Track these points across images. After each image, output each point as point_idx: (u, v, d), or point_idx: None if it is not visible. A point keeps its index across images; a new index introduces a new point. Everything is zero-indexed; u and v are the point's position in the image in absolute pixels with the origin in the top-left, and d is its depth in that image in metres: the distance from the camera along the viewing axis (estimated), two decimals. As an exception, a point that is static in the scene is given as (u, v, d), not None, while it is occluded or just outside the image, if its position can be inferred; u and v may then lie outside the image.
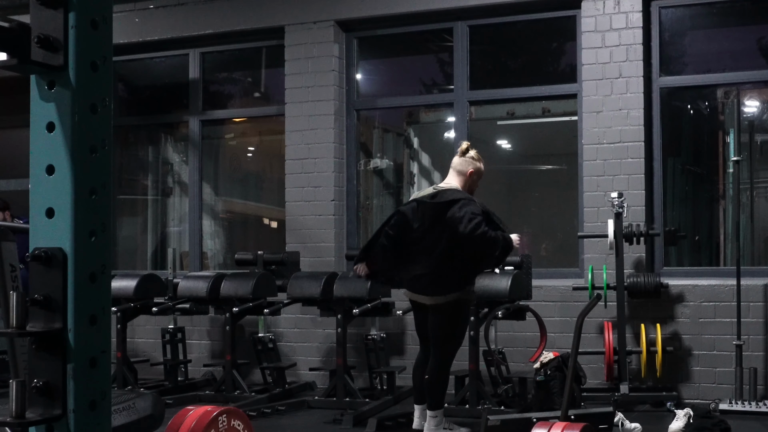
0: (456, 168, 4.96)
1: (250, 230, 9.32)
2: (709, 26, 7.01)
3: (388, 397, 6.05)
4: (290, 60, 7.42)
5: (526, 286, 5.97)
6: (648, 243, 6.38)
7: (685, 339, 6.24)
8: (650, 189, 6.52)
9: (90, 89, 1.50)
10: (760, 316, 6.10)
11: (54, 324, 1.46)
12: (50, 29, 1.46)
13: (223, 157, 8.84)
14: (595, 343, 6.22)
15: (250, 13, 7.56)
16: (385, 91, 8.02)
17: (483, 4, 6.92)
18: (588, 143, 6.59)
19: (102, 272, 1.52)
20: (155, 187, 8.84)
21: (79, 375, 1.47)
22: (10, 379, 1.48)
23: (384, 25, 7.40)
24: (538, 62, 7.61)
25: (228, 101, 8.67)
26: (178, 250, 8.32)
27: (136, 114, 8.75)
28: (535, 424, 3.39)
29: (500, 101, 7.51)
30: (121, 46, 7.83)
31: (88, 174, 1.49)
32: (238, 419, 3.23)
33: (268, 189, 8.91)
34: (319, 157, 7.29)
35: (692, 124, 7.32)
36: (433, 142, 8.46)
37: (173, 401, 5.83)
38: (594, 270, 6.17)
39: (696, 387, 6.20)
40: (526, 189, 8.58)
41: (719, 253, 6.99)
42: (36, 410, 1.46)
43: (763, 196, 7.32)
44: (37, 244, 1.48)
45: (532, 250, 7.66)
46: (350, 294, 6.06)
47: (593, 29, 6.59)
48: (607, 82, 6.53)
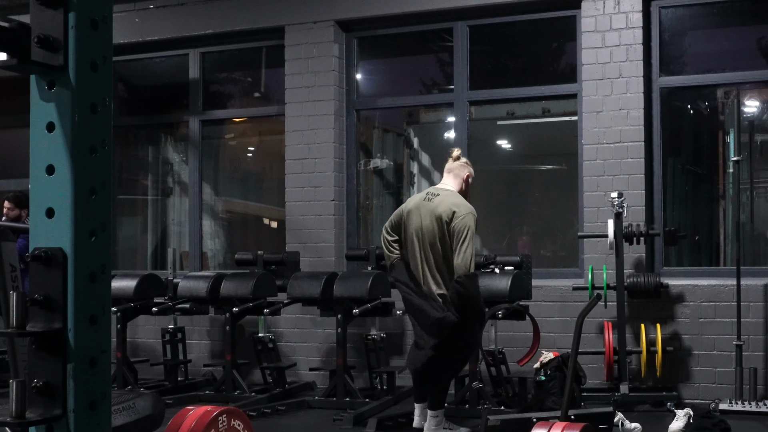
0: (453, 171, 5.02)
1: (250, 230, 9.32)
2: (709, 26, 7.01)
3: (388, 397, 6.05)
4: (290, 60, 7.42)
5: (526, 286, 5.97)
6: (648, 243, 6.38)
7: (685, 339, 6.24)
8: (650, 189, 6.52)
9: (90, 89, 1.50)
10: (760, 316, 6.10)
11: (54, 324, 1.46)
12: (50, 29, 1.46)
13: (223, 157, 8.84)
14: (595, 343, 6.22)
15: (250, 13, 7.56)
16: (385, 91, 8.02)
17: (483, 4, 6.92)
18: (588, 143, 6.59)
19: (102, 272, 1.52)
20: (155, 187, 8.84)
21: (79, 375, 1.47)
22: (10, 379, 1.48)
23: (384, 25, 7.40)
24: (538, 62, 7.61)
25: (228, 101, 8.67)
26: (178, 250, 8.32)
27: (136, 114, 8.75)
28: (535, 424, 3.39)
29: (500, 101, 7.51)
30: (121, 46, 7.83)
31: (88, 174, 1.49)
32: (238, 419, 3.23)
33: (268, 189, 8.91)
34: (319, 157, 7.29)
35: (692, 124, 7.32)
36: (433, 142, 8.47)
37: (173, 401, 5.82)
38: (594, 270, 6.17)
39: (696, 387, 6.20)
40: (526, 189, 8.57)
41: (719, 253, 6.99)
42: (36, 410, 1.46)
43: (763, 196, 7.32)
44: (37, 244, 1.48)
45: (532, 250, 7.67)
46: (350, 294, 6.06)
47: (593, 29, 6.59)
48: (607, 82, 6.53)
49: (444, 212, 4.78)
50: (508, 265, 6.02)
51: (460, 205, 4.82)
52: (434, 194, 4.92)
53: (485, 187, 8.10)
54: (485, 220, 8.11)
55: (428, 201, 4.88)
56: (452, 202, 4.83)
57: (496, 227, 8.21)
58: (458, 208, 4.79)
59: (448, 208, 4.79)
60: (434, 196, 4.90)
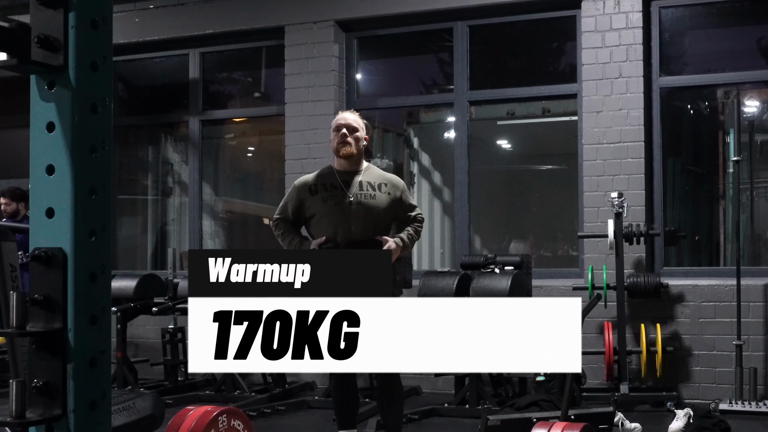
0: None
1: (250, 230, 9.32)
2: (709, 26, 7.01)
3: (388, 397, 6.04)
4: (290, 60, 7.42)
5: (526, 286, 5.97)
6: (648, 243, 6.38)
7: (685, 339, 6.24)
8: (650, 189, 6.52)
9: (90, 89, 1.50)
10: (760, 316, 6.10)
11: (54, 324, 1.46)
12: (50, 29, 1.46)
13: (223, 157, 8.84)
14: (595, 343, 6.22)
15: (250, 13, 7.56)
16: (385, 91, 8.01)
17: (483, 4, 6.92)
18: (588, 143, 6.59)
19: (102, 272, 1.52)
20: (155, 187, 8.84)
21: (79, 375, 1.47)
22: (10, 379, 1.48)
23: (384, 25, 7.40)
24: (538, 62, 7.61)
25: (228, 101, 8.67)
26: (178, 250, 8.32)
27: (136, 114, 8.75)
28: (535, 424, 3.39)
29: (500, 101, 7.51)
30: (121, 46, 7.83)
31: (88, 174, 1.49)
32: (238, 419, 3.23)
33: (268, 189, 8.91)
34: (319, 157, 7.28)
35: (692, 124, 7.32)
36: (433, 142, 8.47)
37: (173, 401, 5.82)
38: (594, 270, 6.17)
39: (696, 387, 6.20)
40: (526, 189, 8.58)
41: (719, 253, 6.99)
42: (36, 410, 1.46)
43: (763, 196, 7.32)
44: (37, 244, 1.48)
45: (532, 250, 7.67)
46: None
47: (593, 29, 6.59)
48: (607, 82, 6.53)
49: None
50: (508, 265, 6.02)
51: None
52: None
53: (485, 187, 8.11)
54: (485, 220, 8.12)
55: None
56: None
57: (496, 227, 8.21)
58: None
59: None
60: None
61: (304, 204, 4.24)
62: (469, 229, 7.10)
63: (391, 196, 4.25)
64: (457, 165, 7.13)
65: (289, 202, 4.31)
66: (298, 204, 4.26)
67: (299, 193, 4.27)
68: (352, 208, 4.14)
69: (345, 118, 4.28)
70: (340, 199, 4.16)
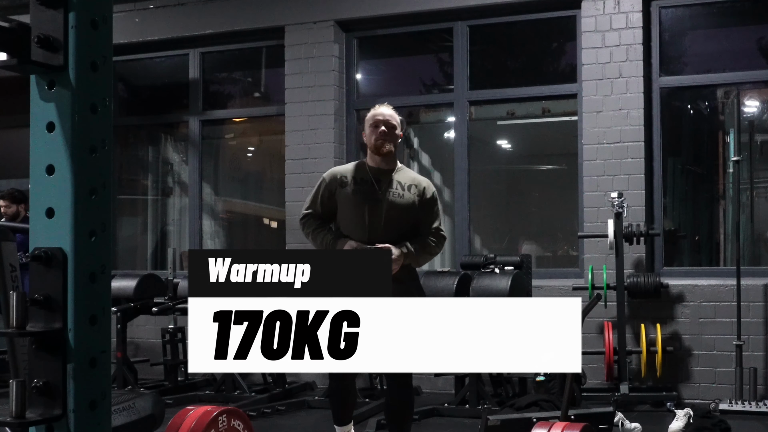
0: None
1: (250, 230, 9.32)
2: (709, 26, 7.01)
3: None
4: (290, 60, 7.42)
5: (526, 286, 5.97)
6: (648, 243, 6.38)
7: (685, 339, 6.24)
8: (650, 189, 6.52)
9: (90, 89, 1.50)
10: (760, 316, 6.10)
11: (54, 324, 1.46)
12: (50, 29, 1.46)
13: (223, 157, 8.84)
14: (595, 343, 6.22)
15: (250, 13, 7.56)
16: (385, 91, 8.01)
17: (483, 4, 6.93)
18: (588, 143, 6.59)
19: (102, 272, 1.52)
20: (155, 187, 8.84)
21: (79, 375, 1.47)
22: (10, 379, 1.48)
23: (384, 25, 7.40)
24: (538, 62, 7.61)
25: (228, 101, 8.67)
26: (178, 250, 8.32)
27: (136, 114, 8.75)
28: (535, 424, 3.39)
29: (500, 101, 7.51)
30: (121, 46, 7.83)
31: (88, 174, 1.49)
32: (238, 419, 3.23)
33: (268, 189, 8.91)
34: (319, 157, 7.29)
35: (692, 124, 7.32)
36: (433, 142, 8.46)
37: (173, 401, 5.83)
38: (594, 270, 6.17)
39: (696, 387, 6.20)
40: (526, 189, 8.58)
41: (719, 253, 6.99)
42: (36, 410, 1.46)
43: (763, 196, 7.32)
44: (37, 244, 1.48)
45: (532, 250, 7.67)
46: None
47: (593, 29, 6.59)
48: (607, 82, 6.53)
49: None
50: (508, 265, 6.02)
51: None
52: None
53: (485, 187, 8.11)
54: (485, 220, 8.12)
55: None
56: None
57: (496, 227, 8.21)
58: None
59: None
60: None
61: (335, 195, 4.01)
62: (469, 229, 7.10)
63: (418, 197, 4.04)
64: (457, 165, 7.13)
65: (320, 194, 4.05)
66: (329, 195, 4.02)
67: (330, 183, 4.03)
68: (380, 206, 3.93)
69: (383, 114, 4.02)
70: (369, 195, 3.95)
